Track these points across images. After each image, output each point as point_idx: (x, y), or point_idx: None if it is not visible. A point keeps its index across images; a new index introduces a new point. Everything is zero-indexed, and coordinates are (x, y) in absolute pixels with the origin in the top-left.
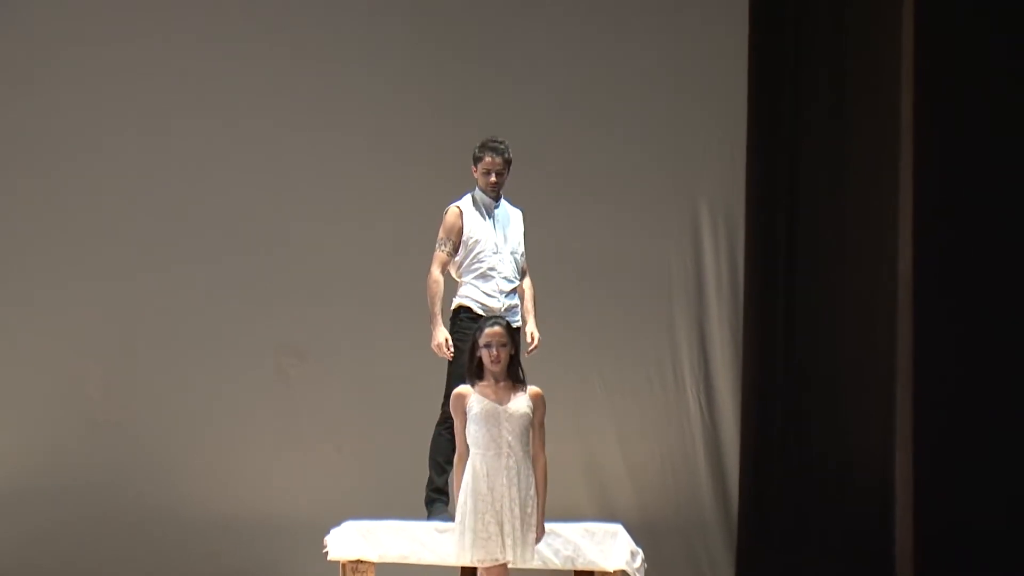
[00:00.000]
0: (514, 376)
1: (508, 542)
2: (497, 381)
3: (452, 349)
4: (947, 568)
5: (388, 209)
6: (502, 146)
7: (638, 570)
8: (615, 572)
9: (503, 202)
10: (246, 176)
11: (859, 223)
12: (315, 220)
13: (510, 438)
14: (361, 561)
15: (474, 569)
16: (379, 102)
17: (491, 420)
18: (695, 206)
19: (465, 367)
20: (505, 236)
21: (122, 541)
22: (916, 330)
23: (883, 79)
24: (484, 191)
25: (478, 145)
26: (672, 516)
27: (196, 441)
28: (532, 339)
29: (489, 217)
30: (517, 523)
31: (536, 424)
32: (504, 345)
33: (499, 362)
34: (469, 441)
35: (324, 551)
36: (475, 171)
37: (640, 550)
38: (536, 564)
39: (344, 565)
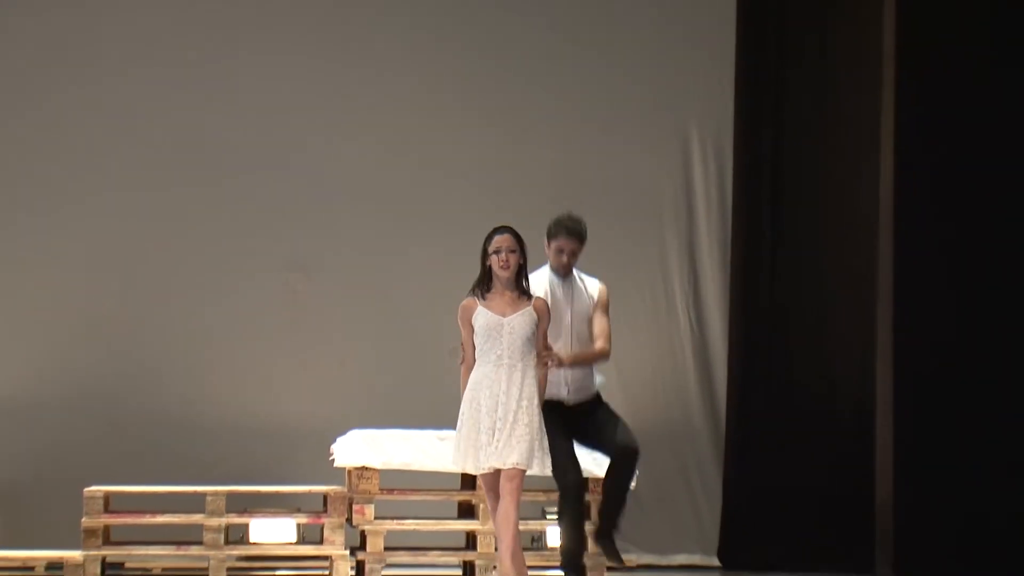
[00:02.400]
0: (520, 287)
1: (491, 450)
2: (504, 290)
3: None
4: (924, 471)
5: (392, 126)
6: (578, 227)
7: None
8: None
9: (575, 275)
10: (253, 94)
11: (842, 146)
12: (322, 139)
13: (509, 350)
14: (366, 468)
15: (474, 475)
16: (379, 24)
17: (493, 333)
18: (685, 133)
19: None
20: (571, 314)
21: (134, 447)
22: (896, 249)
23: (867, 8)
24: (554, 269)
25: (554, 222)
26: (663, 426)
27: (206, 354)
28: (553, 355)
29: (556, 296)
30: (507, 428)
31: (540, 334)
32: (513, 251)
33: (508, 267)
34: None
35: (330, 458)
36: (547, 247)
37: None
38: (532, 469)
39: (350, 472)
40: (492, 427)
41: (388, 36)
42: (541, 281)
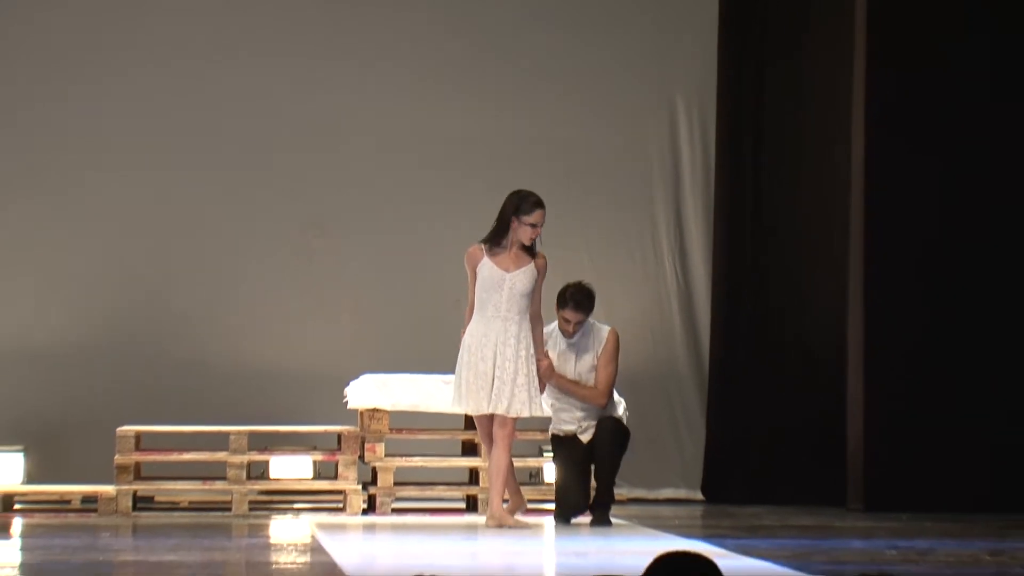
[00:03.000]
0: (529, 248)
1: (493, 395)
2: (512, 247)
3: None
4: (892, 412)
5: (392, 105)
6: (587, 301)
7: (621, 416)
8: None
9: (585, 325)
10: (272, 62)
11: (819, 111)
12: (337, 106)
13: (507, 303)
14: (377, 409)
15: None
16: (372, 9)
17: (494, 285)
18: (672, 99)
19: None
20: (575, 366)
21: (164, 390)
22: (867, 210)
23: None
24: (561, 331)
25: (567, 293)
26: (651, 371)
27: (231, 304)
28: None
29: (560, 350)
30: (507, 378)
31: (537, 288)
32: (542, 224)
33: (533, 239)
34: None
35: (344, 400)
36: (558, 312)
37: (623, 399)
38: (534, 413)
39: (362, 413)
40: (490, 374)
41: (382, 21)
42: (549, 335)
